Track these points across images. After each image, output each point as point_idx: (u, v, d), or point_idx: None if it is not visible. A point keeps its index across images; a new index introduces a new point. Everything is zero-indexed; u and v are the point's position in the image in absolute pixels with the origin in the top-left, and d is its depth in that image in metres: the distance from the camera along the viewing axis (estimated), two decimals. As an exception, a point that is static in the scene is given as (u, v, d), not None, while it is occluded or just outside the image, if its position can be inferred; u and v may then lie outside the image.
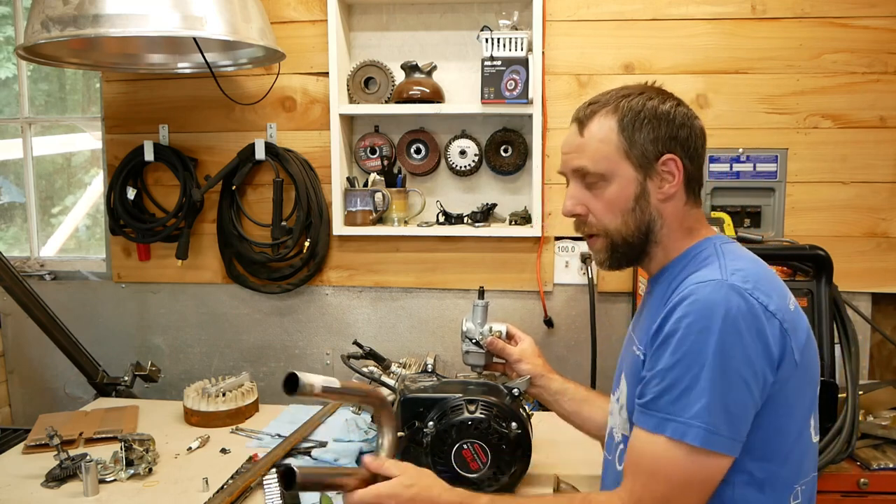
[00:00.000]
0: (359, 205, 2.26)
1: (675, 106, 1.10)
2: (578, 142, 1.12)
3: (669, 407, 0.96)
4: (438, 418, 1.37)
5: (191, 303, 2.47)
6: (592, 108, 1.12)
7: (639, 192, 1.09)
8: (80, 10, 1.68)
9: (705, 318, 0.95)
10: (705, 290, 0.96)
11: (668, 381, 0.96)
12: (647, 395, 1.00)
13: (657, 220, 1.10)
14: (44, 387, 2.58)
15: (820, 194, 2.19)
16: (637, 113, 1.08)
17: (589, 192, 1.12)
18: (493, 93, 2.13)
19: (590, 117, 1.11)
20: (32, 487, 1.53)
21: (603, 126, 1.09)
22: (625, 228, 1.10)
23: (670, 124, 1.08)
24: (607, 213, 1.11)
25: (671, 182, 1.08)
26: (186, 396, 1.94)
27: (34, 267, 2.56)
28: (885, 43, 2.12)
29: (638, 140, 1.07)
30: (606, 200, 1.10)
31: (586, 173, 1.11)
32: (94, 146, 2.69)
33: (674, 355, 0.96)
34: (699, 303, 0.96)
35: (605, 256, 1.14)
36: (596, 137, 1.10)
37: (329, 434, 1.79)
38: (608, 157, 1.09)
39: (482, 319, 1.51)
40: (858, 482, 1.72)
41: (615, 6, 2.19)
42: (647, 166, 1.08)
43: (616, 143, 1.08)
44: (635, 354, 1.09)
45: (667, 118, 1.08)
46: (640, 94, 1.10)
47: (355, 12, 2.33)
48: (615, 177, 1.09)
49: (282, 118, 2.35)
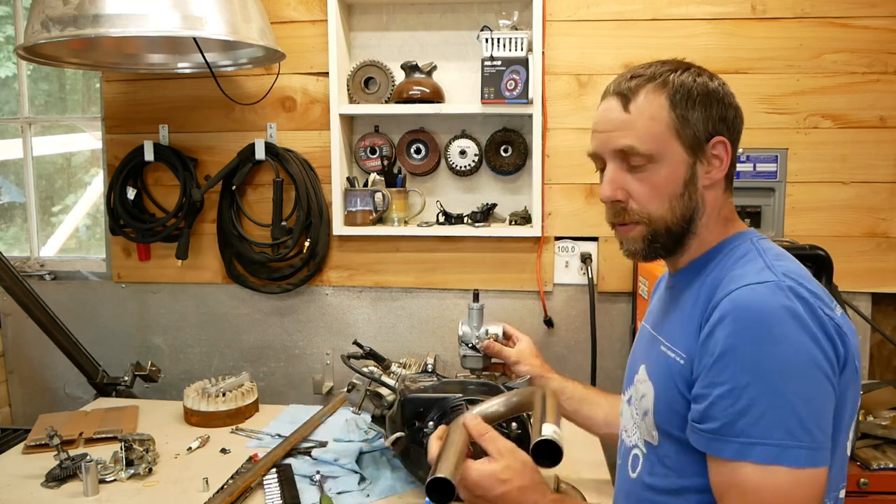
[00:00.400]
0: (359, 205, 2.26)
1: (721, 84, 1.00)
2: (623, 118, 0.99)
3: (752, 430, 0.84)
4: (438, 418, 1.37)
5: (191, 303, 2.47)
6: (637, 82, 0.99)
7: (688, 176, 0.98)
8: (80, 10, 1.68)
9: (772, 324, 0.84)
10: (761, 293, 0.87)
11: (744, 402, 0.84)
12: (717, 419, 0.87)
13: (700, 209, 1.00)
14: (44, 387, 2.58)
15: (820, 194, 2.19)
16: (689, 90, 0.97)
17: (631, 175, 0.99)
18: (493, 93, 2.13)
19: (635, 91, 0.99)
20: (32, 487, 1.53)
21: (652, 102, 0.98)
22: (670, 216, 0.99)
23: (720, 104, 0.99)
24: (653, 199, 0.99)
25: (718, 167, 0.99)
26: (186, 396, 1.94)
27: (34, 267, 2.56)
28: (885, 43, 2.12)
29: (691, 119, 0.97)
30: (653, 184, 0.98)
31: (632, 154, 0.98)
32: (94, 146, 2.69)
33: (744, 372, 0.84)
34: (759, 309, 0.86)
35: (641, 247, 1.02)
36: (645, 114, 0.98)
37: (329, 434, 1.79)
38: (658, 136, 0.97)
39: (478, 322, 1.51)
40: (858, 482, 1.72)
41: (615, 6, 2.19)
42: (698, 148, 0.98)
43: (667, 122, 0.97)
44: (669, 357, 0.98)
45: (717, 97, 0.98)
46: (686, 70, 1.00)
47: (355, 12, 2.33)
48: (665, 158, 0.97)
49: (282, 118, 2.35)
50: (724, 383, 0.86)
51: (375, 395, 1.53)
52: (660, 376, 1.00)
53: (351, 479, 1.53)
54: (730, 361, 0.86)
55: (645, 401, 1.03)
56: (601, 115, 1.03)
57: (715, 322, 0.89)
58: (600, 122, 1.03)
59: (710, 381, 0.88)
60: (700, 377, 0.90)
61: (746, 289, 0.88)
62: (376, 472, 1.57)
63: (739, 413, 0.85)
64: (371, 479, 1.54)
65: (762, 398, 0.83)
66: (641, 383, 1.05)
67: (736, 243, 1.00)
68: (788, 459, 0.83)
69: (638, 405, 1.06)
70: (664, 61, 1.02)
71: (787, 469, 0.83)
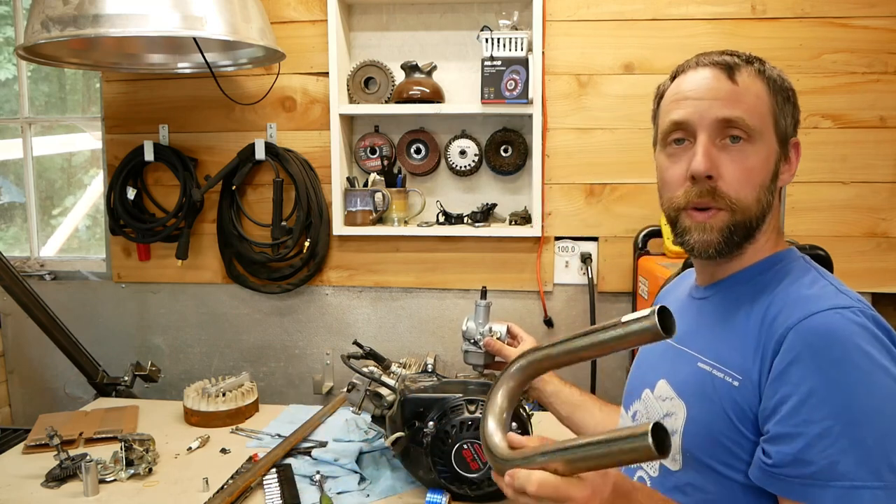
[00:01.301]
0: (359, 205, 2.26)
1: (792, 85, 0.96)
2: (730, 88, 0.90)
3: (858, 471, 0.75)
4: (438, 418, 1.37)
5: (191, 303, 2.47)
6: (735, 60, 0.92)
7: (775, 169, 0.92)
8: (80, 10, 1.68)
9: (865, 355, 0.77)
10: (846, 322, 0.79)
11: (844, 443, 0.75)
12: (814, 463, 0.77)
13: (771, 210, 0.93)
14: (44, 387, 2.58)
15: (820, 194, 2.19)
16: (782, 84, 0.93)
17: (724, 153, 0.90)
18: (493, 93, 2.13)
19: (737, 68, 0.91)
20: (32, 487, 1.52)
21: (756, 83, 0.91)
22: (756, 207, 0.91)
23: (796, 105, 0.94)
24: (745, 183, 0.90)
25: (789, 170, 0.94)
26: (186, 396, 1.94)
27: (34, 267, 2.56)
28: (885, 43, 2.12)
29: (786, 111, 0.92)
30: (747, 167, 0.90)
31: (737, 127, 0.89)
32: (94, 146, 2.69)
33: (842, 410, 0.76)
34: (846, 338, 0.78)
35: (719, 238, 0.91)
36: (752, 91, 0.90)
37: (329, 434, 1.79)
38: (764, 116, 0.90)
39: (483, 319, 1.51)
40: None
41: (615, 6, 2.19)
42: (784, 144, 0.93)
43: (769, 106, 0.91)
44: (716, 377, 0.89)
45: (794, 98, 0.94)
46: (770, 66, 0.95)
47: (355, 12, 2.33)
48: (764, 142, 0.90)
49: (282, 118, 2.35)
50: (818, 421, 0.76)
51: (375, 395, 1.53)
52: (698, 396, 0.90)
53: (351, 479, 1.53)
54: (824, 398, 0.77)
55: (671, 421, 0.93)
56: (699, 82, 0.92)
57: (795, 353, 0.80)
58: (698, 89, 0.92)
59: (801, 420, 0.78)
60: (782, 415, 0.79)
61: (827, 314, 0.80)
62: (376, 472, 1.57)
63: (843, 452, 0.75)
64: (371, 479, 1.54)
65: (867, 435, 0.75)
66: (665, 401, 0.96)
67: (789, 259, 0.94)
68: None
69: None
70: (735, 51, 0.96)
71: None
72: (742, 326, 0.89)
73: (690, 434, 0.90)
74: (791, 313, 0.82)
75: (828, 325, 0.79)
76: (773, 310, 0.86)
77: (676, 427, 0.92)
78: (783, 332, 0.82)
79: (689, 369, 0.94)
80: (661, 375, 1.00)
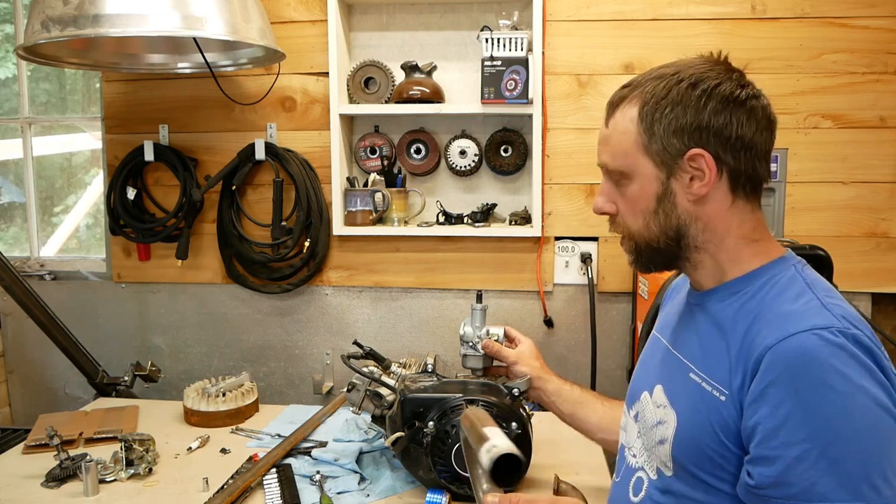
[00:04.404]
0: (359, 205, 2.26)
1: (711, 87, 0.91)
2: (604, 134, 0.99)
3: (838, 493, 0.76)
4: (438, 418, 1.37)
5: (191, 303, 2.47)
6: (622, 94, 0.97)
7: (661, 191, 0.94)
8: (80, 10, 1.68)
9: (843, 376, 0.77)
10: (823, 342, 0.79)
11: (825, 463, 0.77)
12: (794, 485, 0.78)
13: (691, 224, 0.94)
14: (44, 387, 2.58)
15: (820, 194, 2.19)
16: (660, 100, 0.92)
17: (616, 189, 0.98)
18: (493, 93, 2.13)
19: (617, 105, 0.97)
20: (32, 487, 1.52)
21: (626, 116, 0.95)
22: (647, 232, 0.96)
23: (698, 112, 0.90)
24: (629, 214, 0.97)
25: (702, 181, 0.91)
26: (186, 396, 1.94)
27: (34, 267, 2.56)
28: (885, 43, 2.12)
29: (657, 132, 0.92)
30: (629, 200, 0.97)
31: (607, 171, 0.98)
32: (94, 146, 2.69)
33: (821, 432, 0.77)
34: (823, 360, 0.78)
35: (632, 259, 1.01)
36: (618, 129, 0.96)
37: (329, 434, 1.79)
38: (627, 152, 0.94)
39: (480, 323, 1.51)
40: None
41: (615, 6, 2.19)
42: (671, 162, 0.92)
43: (635, 136, 0.93)
44: (705, 390, 0.90)
45: (694, 105, 0.90)
46: (672, 75, 0.94)
47: (355, 12, 2.33)
48: (635, 174, 0.95)
49: (282, 118, 2.35)
50: (796, 444, 0.78)
51: (375, 395, 1.53)
52: (688, 409, 0.92)
53: (351, 479, 1.53)
54: (802, 421, 0.78)
55: (662, 429, 0.95)
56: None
57: (774, 375, 0.80)
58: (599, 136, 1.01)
59: (780, 443, 0.79)
60: (761, 437, 0.81)
61: (804, 336, 0.80)
62: (376, 472, 1.56)
63: (823, 474, 0.76)
64: (371, 479, 1.54)
65: (846, 456, 0.76)
66: (659, 408, 0.98)
67: (778, 273, 0.92)
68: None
69: (652, 430, 0.98)
70: (670, 64, 0.97)
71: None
72: (726, 340, 0.90)
73: (679, 445, 0.92)
74: (771, 332, 0.83)
75: (805, 347, 0.79)
76: (756, 326, 0.86)
77: (667, 436, 0.93)
78: (762, 350, 0.82)
79: (682, 378, 0.95)
80: (659, 381, 1.01)
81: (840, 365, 0.78)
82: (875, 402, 0.78)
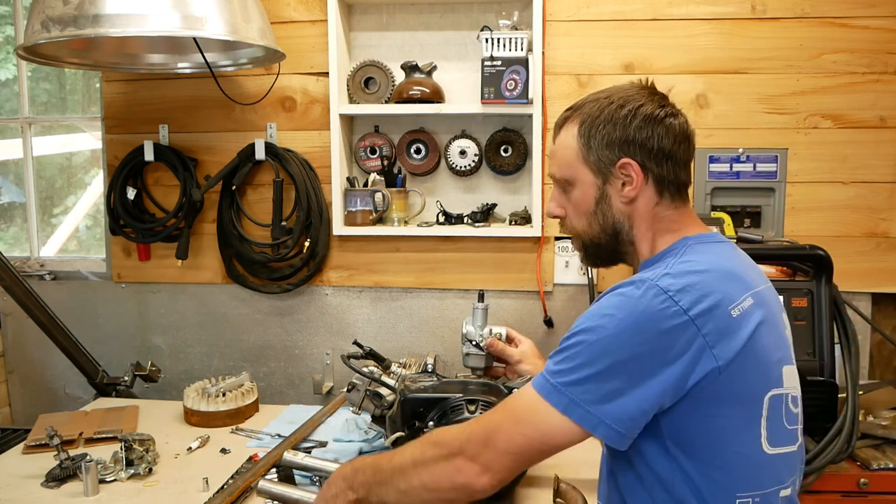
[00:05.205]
0: (359, 205, 2.26)
1: (636, 108, 1.09)
2: (552, 149, 1.19)
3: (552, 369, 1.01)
4: (438, 418, 1.37)
5: (191, 303, 2.47)
6: (566, 115, 1.17)
7: (598, 196, 1.13)
8: (80, 10, 1.68)
9: (614, 307, 0.99)
10: (628, 286, 1.01)
11: (561, 349, 1.03)
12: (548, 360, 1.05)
13: (624, 222, 1.13)
14: (44, 387, 2.58)
15: (820, 194, 2.19)
16: (594, 119, 1.11)
17: (564, 195, 1.18)
18: (493, 93, 2.13)
19: (562, 124, 1.17)
20: (32, 487, 1.53)
21: (569, 133, 1.14)
22: (590, 230, 1.16)
23: (625, 128, 1.09)
24: (575, 217, 1.17)
25: (631, 185, 1.10)
26: (186, 396, 1.94)
27: (34, 267, 2.56)
28: (885, 43, 2.12)
29: (593, 146, 1.11)
30: (574, 204, 1.16)
31: (555, 180, 1.18)
32: (94, 146, 2.69)
33: (576, 328, 1.02)
34: (616, 297, 1.01)
35: (582, 256, 1.23)
36: (563, 144, 1.15)
37: (329, 434, 1.79)
38: (570, 163, 1.14)
39: (482, 322, 1.51)
40: (858, 482, 1.72)
41: (615, 6, 2.19)
42: (605, 171, 1.11)
43: (576, 150, 1.13)
44: None
45: (622, 122, 1.09)
46: (604, 98, 1.12)
47: (355, 12, 2.33)
48: (577, 182, 1.14)
49: (282, 118, 2.35)
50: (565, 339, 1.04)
51: (375, 395, 1.53)
52: None
53: (351, 479, 1.53)
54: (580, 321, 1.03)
55: None
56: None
57: None
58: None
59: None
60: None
61: (626, 283, 1.01)
62: (376, 472, 1.56)
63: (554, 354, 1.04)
64: (371, 479, 1.54)
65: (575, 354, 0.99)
66: None
67: (673, 248, 1.10)
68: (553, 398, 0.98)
69: None
70: (603, 90, 1.15)
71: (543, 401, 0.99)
72: None
73: None
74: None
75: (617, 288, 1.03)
76: None
77: None
78: None
79: None
80: None
81: (615, 301, 1.00)
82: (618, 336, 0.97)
